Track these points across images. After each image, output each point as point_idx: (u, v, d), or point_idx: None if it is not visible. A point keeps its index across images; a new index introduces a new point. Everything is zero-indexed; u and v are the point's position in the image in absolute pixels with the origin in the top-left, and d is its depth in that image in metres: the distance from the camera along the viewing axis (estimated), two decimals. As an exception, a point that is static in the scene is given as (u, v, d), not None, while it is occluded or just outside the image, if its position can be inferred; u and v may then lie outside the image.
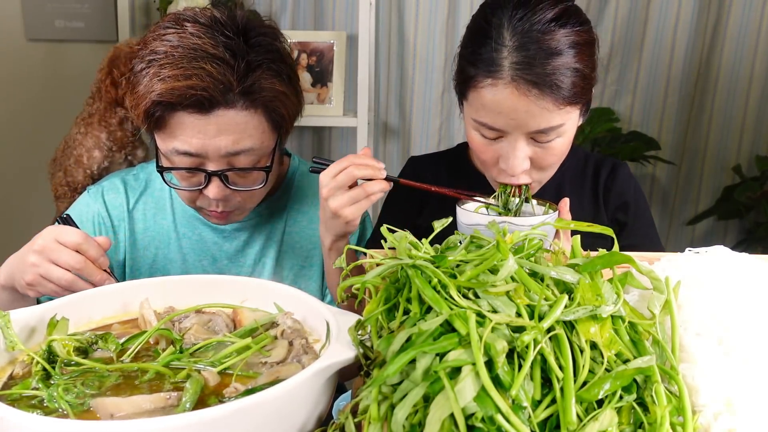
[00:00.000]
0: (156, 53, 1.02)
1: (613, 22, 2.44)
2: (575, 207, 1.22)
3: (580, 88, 1.01)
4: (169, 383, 0.68)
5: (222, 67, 1.01)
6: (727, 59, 2.41)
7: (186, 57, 1.00)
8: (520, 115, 1.00)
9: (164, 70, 1.01)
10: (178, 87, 0.99)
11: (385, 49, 2.52)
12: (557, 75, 0.98)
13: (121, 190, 1.25)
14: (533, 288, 0.62)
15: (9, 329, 0.72)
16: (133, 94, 1.06)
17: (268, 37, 1.08)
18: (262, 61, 1.05)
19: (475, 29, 1.08)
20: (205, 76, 1.00)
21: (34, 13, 2.58)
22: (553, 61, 0.97)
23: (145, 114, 1.04)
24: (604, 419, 0.54)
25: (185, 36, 1.02)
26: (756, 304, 0.67)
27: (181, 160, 1.06)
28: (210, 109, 1.02)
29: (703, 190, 2.57)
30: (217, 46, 1.02)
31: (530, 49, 0.98)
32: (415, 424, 0.55)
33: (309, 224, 1.28)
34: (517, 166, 1.05)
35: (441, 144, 2.54)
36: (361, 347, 0.67)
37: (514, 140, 1.03)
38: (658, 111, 2.51)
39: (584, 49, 1.01)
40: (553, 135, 1.03)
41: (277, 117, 1.09)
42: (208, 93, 1.00)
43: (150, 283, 0.87)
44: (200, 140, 1.04)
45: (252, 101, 1.05)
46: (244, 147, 1.06)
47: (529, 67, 0.97)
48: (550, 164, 1.09)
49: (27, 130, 2.63)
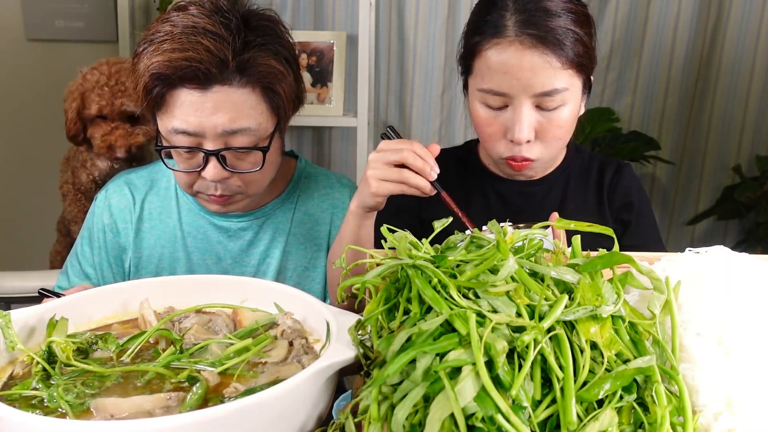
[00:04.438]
0: (158, 32, 1.06)
1: (613, 22, 2.43)
2: (579, 206, 1.22)
3: (581, 53, 1.05)
4: (170, 383, 0.68)
5: (219, 42, 1.03)
6: (727, 59, 2.41)
7: (185, 33, 1.04)
8: (525, 73, 1.02)
9: (163, 45, 1.04)
10: (174, 59, 1.02)
11: (385, 49, 2.52)
12: (558, 32, 1.02)
13: (126, 192, 1.26)
14: (533, 288, 0.62)
15: (9, 329, 0.72)
16: (134, 74, 1.09)
17: (268, 22, 1.11)
18: (260, 41, 1.07)
19: (480, 5, 1.13)
20: (201, 50, 1.02)
21: (34, 13, 2.58)
22: (554, 20, 1.03)
23: (144, 90, 1.06)
24: (605, 419, 0.54)
25: (186, 17, 1.06)
26: (756, 304, 0.67)
27: (180, 139, 1.08)
28: (207, 85, 1.04)
29: (703, 190, 2.57)
30: (216, 24, 1.05)
31: (532, 9, 1.03)
32: (415, 424, 0.55)
33: (314, 226, 1.28)
34: (524, 131, 1.05)
35: (441, 144, 2.53)
36: (361, 347, 0.67)
37: (520, 105, 1.05)
38: (658, 111, 2.51)
39: (581, 18, 1.06)
40: (557, 100, 1.05)
41: (275, 97, 1.10)
42: (204, 66, 1.02)
43: (150, 283, 0.87)
44: (197, 118, 1.05)
45: (249, 78, 1.06)
46: (242, 126, 1.07)
47: (532, 24, 1.02)
48: (554, 137, 1.09)
49: (27, 130, 2.62)
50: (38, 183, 2.42)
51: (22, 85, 2.60)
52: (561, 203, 1.23)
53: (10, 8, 2.55)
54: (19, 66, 2.59)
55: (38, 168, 2.44)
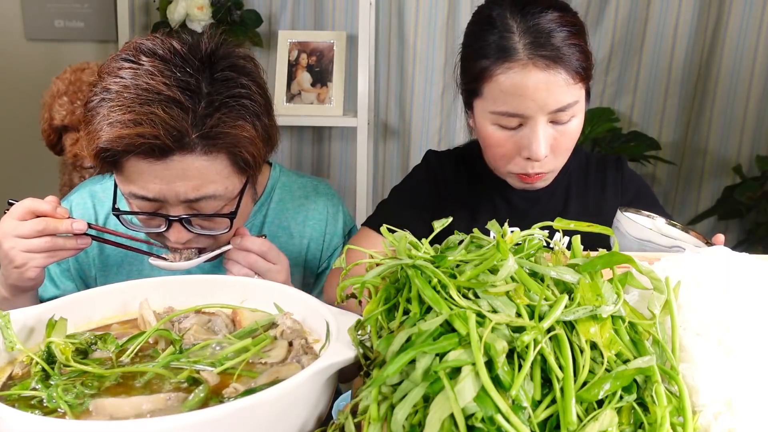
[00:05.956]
0: (108, 91, 0.95)
1: (613, 22, 2.43)
2: (581, 207, 1.23)
3: (585, 64, 1.07)
4: (169, 384, 0.68)
5: (175, 111, 0.92)
6: (727, 59, 2.41)
7: (137, 100, 0.92)
8: (541, 93, 1.04)
9: (114, 114, 0.92)
10: (126, 134, 0.91)
11: (385, 49, 2.52)
12: (565, 49, 1.04)
13: (89, 205, 1.20)
14: (533, 288, 0.62)
15: (9, 329, 0.72)
16: (86, 132, 0.98)
17: (236, 71, 0.99)
18: (226, 100, 0.96)
19: (477, 27, 1.12)
20: (157, 123, 0.91)
21: (33, 13, 2.58)
22: (557, 37, 1.04)
23: (95, 156, 0.97)
24: (604, 419, 0.54)
25: (139, 73, 0.94)
26: (756, 304, 0.67)
27: (140, 204, 0.99)
28: (164, 156, 0.94)
29: (703, 190, 2.57)
30: (171, 86, 0.92)
31: (536, 30, 1.05)
32: (415, 424, 0.55)
33: (289, 239, 1.22)
34: (542, 148, 1.07)
35: (441, 144, 2.54)
36: (361, 347, 0.67)
37: (536, 124, 1.06)
38: (658, 111, 2.51)
39: (578, 29, 1.08)
40: (569, 114, 1.07)
41: (242, 162, 1.00)
42: (159, 141, 0.91)
43: (149, 283, 0.87)
44: (158, 185, 0.96)
45: (213, 146, 0.96)
46: (206, 193, 0.98)
47: (542, 45, 1.04)
48: (566, 149, 1.12)
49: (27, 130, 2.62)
50: (38, 183, 2.42)
51: (22, 85, 2.60)
52: (564, 205, 1.23)
53: (10, 8, 2.56)
54: (19, 66, 2.60)
55: (38, 168, 2.44)
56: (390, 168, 2.65)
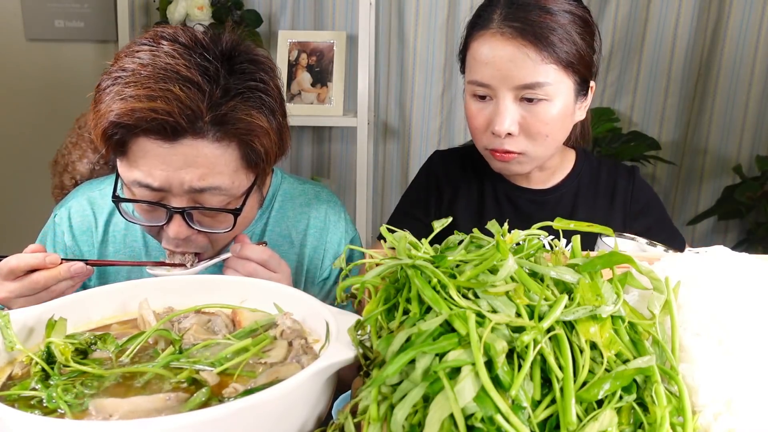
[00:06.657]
0: (124, 70, 0.92)
1: (613, 22, 2.44)
2: (589, 213, 1.22)
3: (571, 52, 1.06)
4: (169, 384, 0.68)
5: (192, 91, 0.90)
6: (727, 59, 2.41)
7: (154, 77, 0.90)
8: (504, 63, 1.05)
9: (128, 89, 0.90)
10: (139, 108, 0.88)
11: (385, 49, 2.52)
12: (542, 26, 1.04)
13: (88, 212, 1.17)
14: (533, 288, 0.62)
15: (8, 329, 0.72)
16: (94, 113, 0.95)
17: (255, 66, 0.97)
18: (243, 90, 0.94)
19: (480, 5, 1.16)
20: (171, 99, 0.88)
21: (34, 13, 2.58)
22: (540, 15, 1.05)
23: (103, 135, 0.93)
24: (604, 419, 0.54)
25: (158, 54, 0.92)
26: (756, 304, 0.67)
27: (142, 193, 0.96)
28: (175, 137, 0.91)
29: (703, 190, 2.57)
30: (191, 68, 0.91)
31: (517, 3, 1.07)
32: (415, 424, 0.55)
33: (290, 248, 1.20)
34: (503, 123, 1.07)
35: (441, 144, 2.54)
36: (360, 347, 0.67)
37: (501, 98, 1.08)
38: (658, 111, 2.51)
39: (577, 20, 1.08)
40: (540, 94, 1.06)
41: (253, 155, 0.97)
42: (172, 119, 0.89)
43: (149, 283, 0.87)
44: (164, 172, 0.93)
45: (225, 133, 0.93)
46: (212, 184, 0.95)
47: (516, 17, 1.05)
48: (538, 132, 1.10)
49: (27, 130, 2.63)
50: (38, 183, 2.42)
51: (22, 85, 2.60)
52: (572, 210, 1.23)
53: (10, 8, 2.56)
54: (19, 66, 2.60)
55: (38, 168, 2.44)
56: (390, 168, 2.65)
